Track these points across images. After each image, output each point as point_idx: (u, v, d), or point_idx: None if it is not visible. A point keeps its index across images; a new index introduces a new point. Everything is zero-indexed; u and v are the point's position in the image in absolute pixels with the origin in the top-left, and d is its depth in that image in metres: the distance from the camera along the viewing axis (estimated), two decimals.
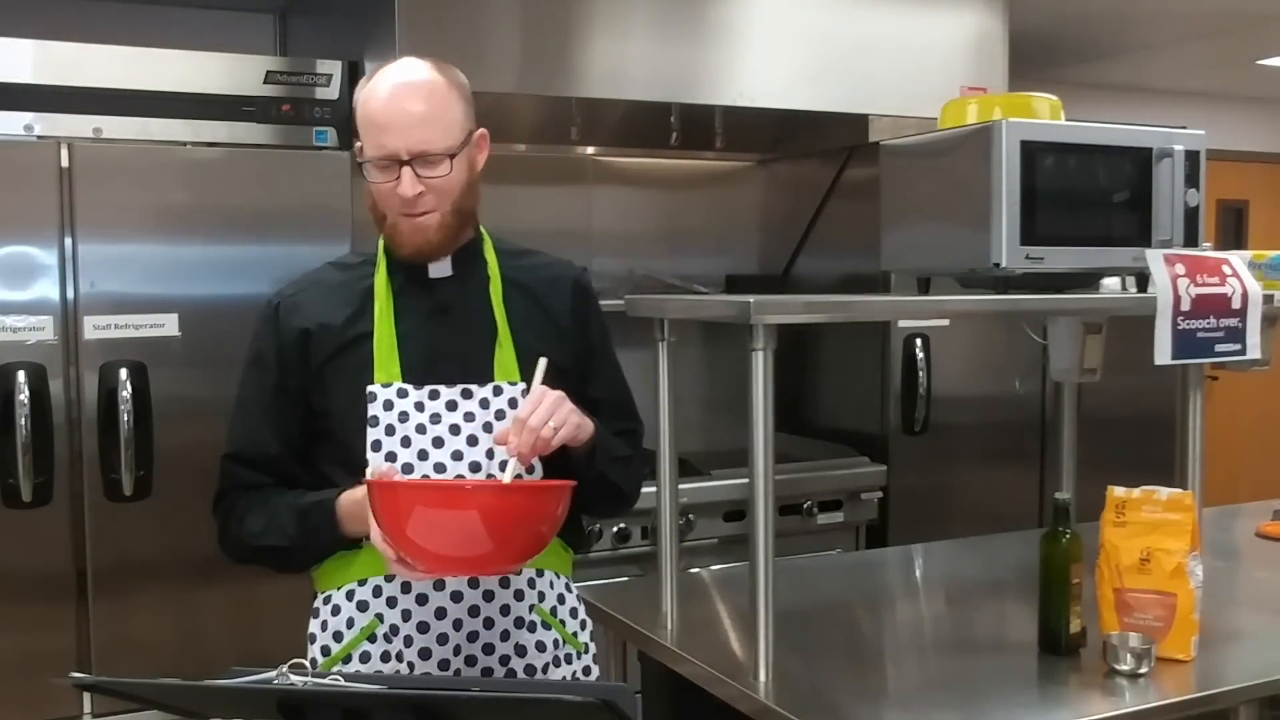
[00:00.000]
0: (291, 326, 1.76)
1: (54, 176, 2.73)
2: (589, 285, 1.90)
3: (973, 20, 3.72)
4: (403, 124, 1.65)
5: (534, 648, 1.76)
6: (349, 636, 1.73)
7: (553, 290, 1.84)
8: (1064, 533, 2.01)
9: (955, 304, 2.50)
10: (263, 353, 1.79)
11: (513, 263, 1.84)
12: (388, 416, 1.70)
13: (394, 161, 1.66)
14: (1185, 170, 2.50)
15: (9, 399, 2.66)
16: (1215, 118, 5.16)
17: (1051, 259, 2.40)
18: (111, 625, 2.80)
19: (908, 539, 3.29)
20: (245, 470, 1.79)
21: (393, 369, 1.71)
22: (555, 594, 1.81)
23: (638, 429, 1.93)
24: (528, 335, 1.77)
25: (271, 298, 1.82)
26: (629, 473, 1.86)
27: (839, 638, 2.24)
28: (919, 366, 3.70)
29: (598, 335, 1.87)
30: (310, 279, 1.84)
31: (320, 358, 1.75)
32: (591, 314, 1.87)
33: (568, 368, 1.78)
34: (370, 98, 1.69)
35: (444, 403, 1.71)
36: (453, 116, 1.69)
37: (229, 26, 3.64)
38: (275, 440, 1.78)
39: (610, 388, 1.89)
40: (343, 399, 1.73)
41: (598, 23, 3.23)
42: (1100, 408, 3.25)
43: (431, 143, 1.66)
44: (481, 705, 1.31)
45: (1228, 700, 1.91)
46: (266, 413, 1.78)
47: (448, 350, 1.75)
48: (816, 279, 4.09)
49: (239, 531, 1.78)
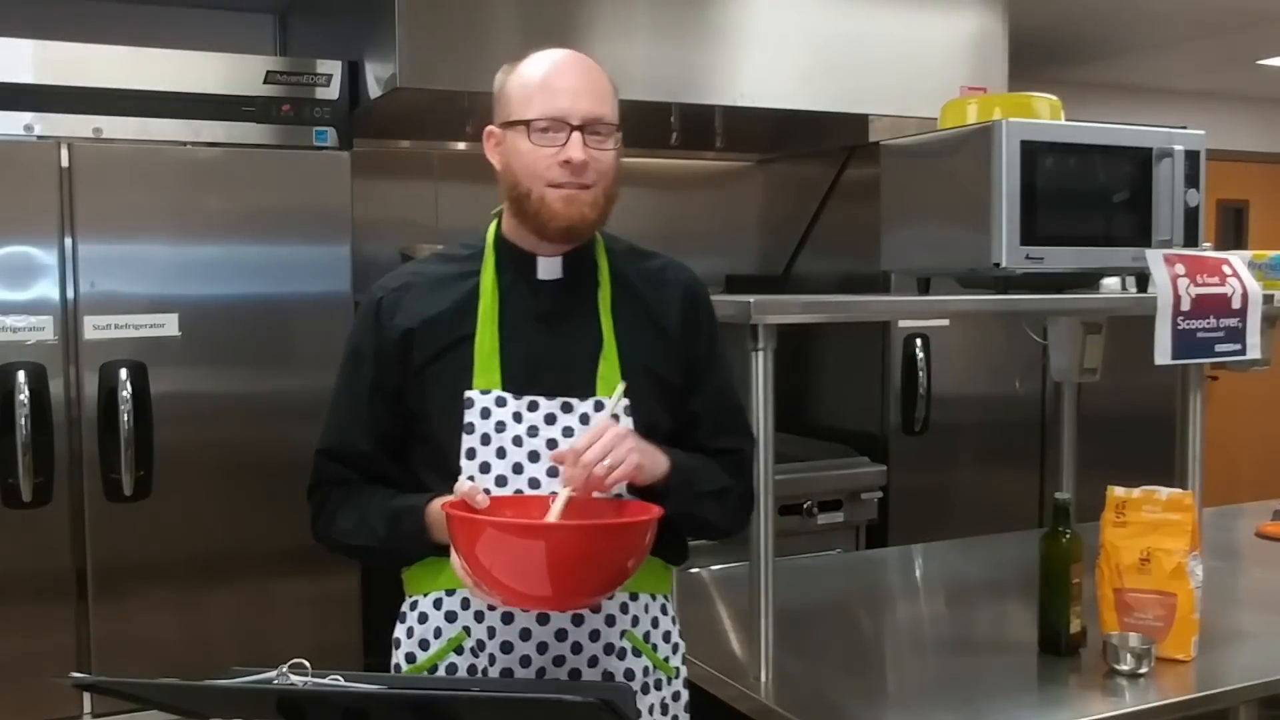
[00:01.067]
0: (394, 324, 1.68)
1: (54, 176, 2.73)
2: (701, 292, 1.77)
3: (973, 20, 3.71)
4: (577, 87, 1.60)
5: (622, 675, 1.66)
6: (435, 646, 1.67)
7: (663, 297, 1.73)
8: (1064, 533, 2.01)
9: (955, 304, 2.50)
10: (360, 348, 1.72)
11: (624, 265, 1.74)
12: (484, 425, 1.62)
13: (563, 126, 1.58)
14: (1185, 170, 2.50)
15: (9, 399, 2.66)
16: (1215, 118, 5.15)
17: (1051, 259, 2.40)
18: (111, 625, 2.80)
19: (908, 539, 3.28)
20: (336, 465, 1.72)
21: (493, 375, 1.63)
22: (650, 617, 1.71)
23: (744, 448, 1.79)
24: (634, 346, 1.68)
25: (375, 289, 1.73)
26: (722, 507, 1.71)
27: (839, 638, 2.24)
28: (919, 366, 3.70)
29: (706, 345, 1.74)
30: (414, 271, 1.75)
31: (422, 358, 1.67)
32: (702, 323, 1.75)
33: (673, 381, 1.70)
34: (533, 66, 1.63)
35: (543, 415, 1.63)
36: (615, 99, 1.65)
37: (229, 26, 3.65)
38: (367, 439, 1.70)
39: (714, 402, 1.75)
40: (440, 401, 1.65)
41: (598, 23, 3.23)
42: (1100, 408, 3.24)
43: (603, 112, 1.60)
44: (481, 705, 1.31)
45: (1228, 700, 1.91)
46: (360, 410, 1.71)
47: (550, 360, 1.66)
48: (816, 279, 4.09)
49: (330, 528, 1.71)
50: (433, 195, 3.82)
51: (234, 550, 2.90)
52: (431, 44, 3.00)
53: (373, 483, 1.70)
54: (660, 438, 1.65)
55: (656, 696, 1.70)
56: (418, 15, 2.98)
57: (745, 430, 1.81)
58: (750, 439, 1.82)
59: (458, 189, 3.82)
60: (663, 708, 1.71)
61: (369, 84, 3.16)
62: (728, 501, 1.72)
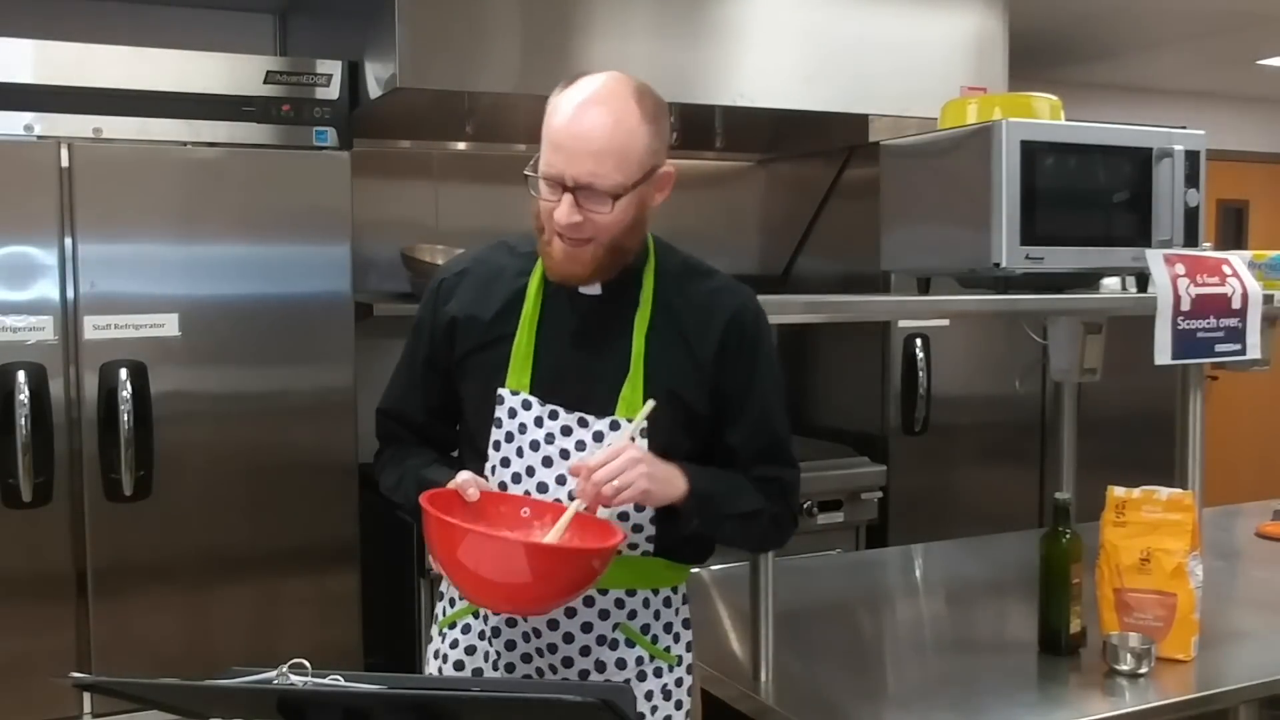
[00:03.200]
0: (445, 310, 1.76)
1: (54, 176, 2.73)
2: (749, 319, 1.72)
3: (973, 20, 3.71)
4: (575, 150, 1.56)
5: (614, 665, 1.71)
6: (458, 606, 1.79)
7: (704, 323, 1.70)
8: (1064, 533, 2.01)
9: (955, 304, 2.50)
10: (421, 323, 1.81)
11: (671, 288, 1.71)
12: (510, 423, 1.69)
13: (557, 185, 1.57)
14: (1185, 170, 2.50)
15: (9, 399, 2.66)
16: (1215, 118, 5.16)
17: (1051, 259, 2.40)
18: (111, 625, 2.80)
19: (908, 539, 3.28)
20: (394, 424, 1.85)
21: (524, 378, 1.69)
22: (651, 611, 1.73)
23: (783, 476, 1.75)
24: (661, 371, 1.67)
25: (440, 270, 1.82)
26: (749, 529, 1.73)
27: (839, 638, 2.24)
28: (919, 366, 3.70)
29: (743, 374, 1.71)
30: (477, 258, 1.80)
31: (463, 349, 1.74)
32: (743, 352, 1.71)
33: (699, 409, 1.69)
34: (555, 110, 1.60)
35: (560, 426, 1.68)
36: (633, 153, 1.58)
37: (229, 26, 3.64)
38: (420, 408, 1.81)
39: (752, 434, 1.72)
40: (476, 392, 1.73)
41: (598, 23, 3.23)
42: (1100, 408, 3.25)
43: (600, 178, 1.56)
44: (481, 705, 1.31)
45: (1228, 700, 1.91)
46: (414, 380, 1.81)
47: (577, 374, 1.69)
48: (816, 279, 4.09)
49: (381, 480, 1.83)
50: (432, 195, 3.82)
51: (234, 550, 2.90)
52: (431, 44, 3.00)
53: (425, 444, 1.82)
54: (680, 459, 1.65)
55: (656, 683, 1.74)
56: (418, 15, 2.98)
57: (787, 460, 1.77)
58: (793, 468, 1.77)
59: (457, 189, 3.82)
60: (664, 693, 1.75)
61: (369, 84, 3.16)
62: (757, 523, 1.72)
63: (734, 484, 1.70)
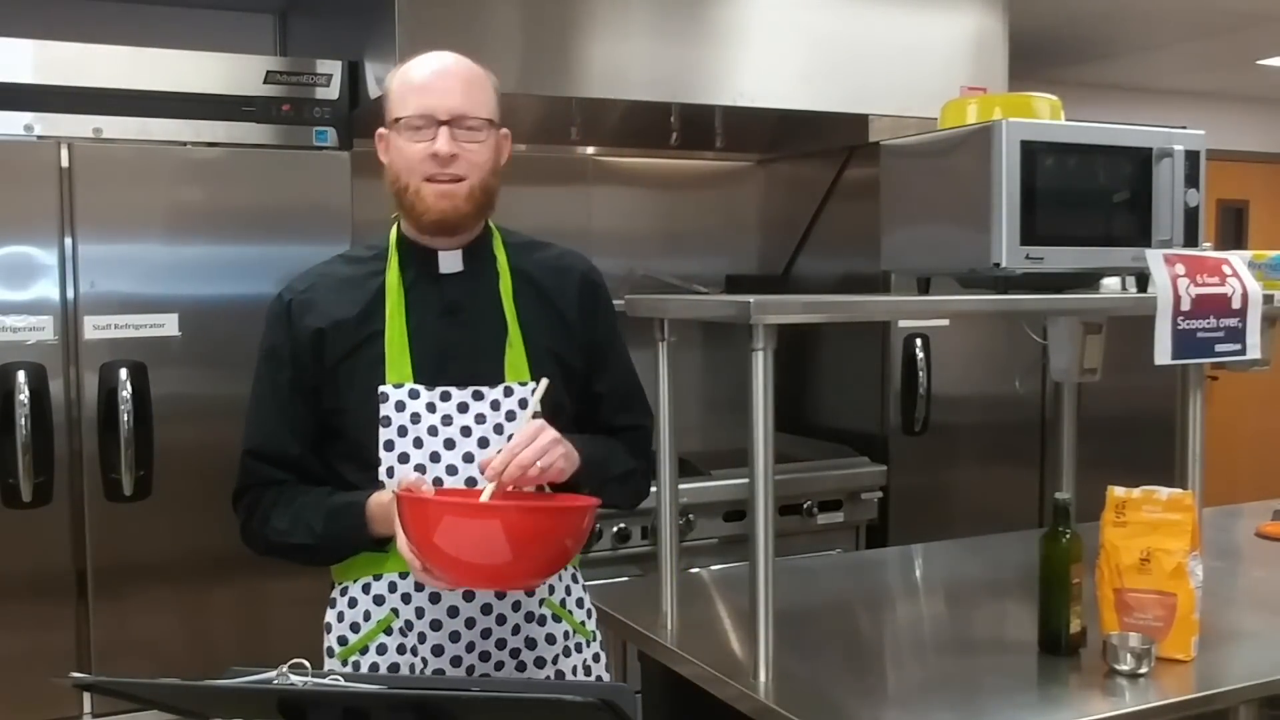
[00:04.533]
0: (305, 325, 1.75)
1: (54, 176, 2.73)
2: (597, 279, 1.89)
3: (973, 20, 3.71)
4: (445, 86, 1.71)
5: (544, 640, 1.78)
6: (365, 629, 1.75)
7: (561, 284, 1.83)
8: (1064, 533, 2.01)
9: (955, 304, 2.50)
10: (276, 349, 1.78)
11: (521, 256, 1.83)
12: (400, 417, 1.70)
13: (431, 122, 1.69)
14: (1185, 170, 2.50)
15: (9, 399, 2.66)
16: (1215, 118, 5.16)
17: (1051, 259, 2.40)
18: (111, 625, 2.80)
19: (908, 539, 3.28)
20: (266, 467, 1.78)
21: (404, 369, 1.71)
22: (563, 585, 1.83)
23: (645, 423, 1.93)
24: (538, 333, 1.78)
25: (283, 293, 1.80)
26: (626, 488, 1.87)
27: (839, 638, 2.23)
28: (919, 366, 3.70)
29: (604, 329, 1.87)
30: (320, 274, 1.82)
31: (334, 357, 1.74)
32: (600, 308, 1.87)
33: (575, 365, 1.79)
34: (410, 69, 1.75)
35: (455, 404, 1.71)
36: (489, 96, 1.76)
37: (229, 26, 3.65)
38: (293, 437, 1.77)
39: (616, 382, 1.88)
40: (355, 398, 1.72)
41: (598, 23, 3.23)
42: (1100, 408, 3.24)
43: (471, 108, 1.71)
44: (481, 705, 1.31)
45: (1228, 700, 1.91)
46: (283, 409, 1.77)
47: (459, 351, 1.74)
48: (816, 279, 4.09)
49: (264, 528, 1.77)
50: None
51: (234, 550, 2.84)
52: (431, 44, 2.95)
53: (303, 481, 1.77)
54: (565, 419, 1.74)
55: (579, 659, 1.83)
56: (418, 15, 2.98)
57: (645, 408, 1.94)
58: (649, 415, 1.96)
59: None
60: (585, 669, 1.84)
61: (369, 84, 3.16)
62: (632, 482, 1.88)
63: (610, 447, 1.82)
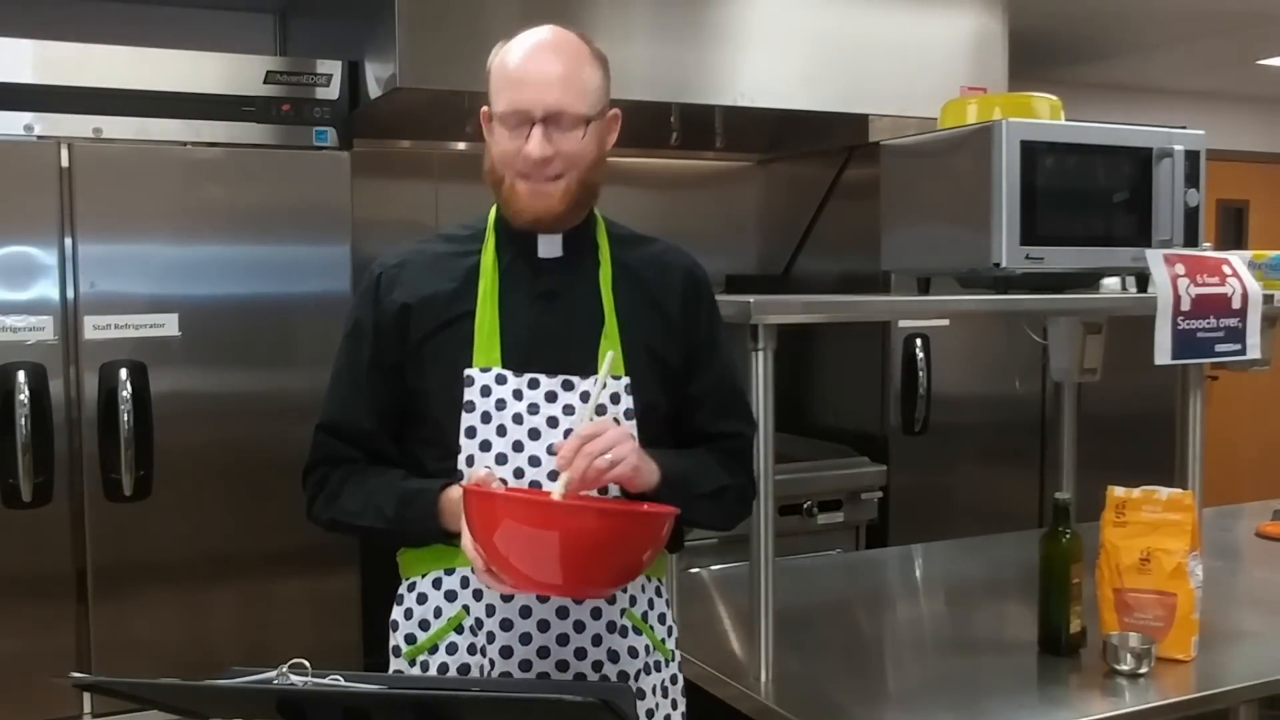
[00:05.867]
0: (392, 300, 1.67)
1: (54, 176, 2.73)
2: (702, 276, 1.76)
3: (973, 20, 3.71)
4: (539, 80, 1.59)
5: (626, 654, 1.65)
6: (436, 626, 1.66)
7: (664, 281, 1.72)
8: (1064, 533, 2.01)
9: (955, 304, 2.50)
10: (360, 323, 1.71)
11: (625, 248, 1.74)
12: (484, 403, 1.61)
13: (525, 121, 1.58)
14: (1185, 170, 2.50)
15: (9, 399, 2.66)
16: (1215, 118, 5.16)
17: (1051, 259, 2.40)
18: (111, 625, 2.80)
19: (908, 539, 3.29)
20: (338, 443, 1.70)
21: (493, 353, 1.63)
22: (646, 598, 1.70)
23: (744, 431, 1.78)
24: (635, 327, 1.67)
25: (374, 266, 1.73)
26: (717, 507, 1.71)
27: (839, 638, 2.24)
28: (919, 366, 3.69)
29: (707, 329, 1.74)
30: (415, 249, 1.74)
31: (419, 334, 1.66)
32: (703, 307, 1.74)
33: (673, 363, 1.69)
34: (507, 55, 1.64)
35: (543, 393, 1.62)
36: (593, 83, 1.63)
37: (229, 26, 3.65)
38: (369, 415, 1.69)
39: (715, 386, 1.74)
40: (439, 379, 1.64)
41: (598, 23, 3.22)
42: (1100, 408, 3.24)
43: (568, 104, 1.59)
44: (482, 705, 1.31)
45: (1228, 700, 1.91)
46: (361, 386, 1.69)
47: (551, 338, 1.65)
48: (816, 279, 4.09)
49: (333, 507, 1.69)
50: (432, 195, 3.82)
51: (234, 550, 2.90)
52: (431, 44, 2.99)
53: (375, 462, 1.69)
54: (658, 419, 1.66)
55: (658, 678, 1.70)
56: (418, 15, 2.98)
57: (746, 414, 1.79)
58: (751, 423, 1.80)
59: (457, 189, 3.82)
60: (663, 690, 1.72)
61: (369, 84, 3.16)
62: (724, 500, 1.71)
63: (700, 462, 1.69)
